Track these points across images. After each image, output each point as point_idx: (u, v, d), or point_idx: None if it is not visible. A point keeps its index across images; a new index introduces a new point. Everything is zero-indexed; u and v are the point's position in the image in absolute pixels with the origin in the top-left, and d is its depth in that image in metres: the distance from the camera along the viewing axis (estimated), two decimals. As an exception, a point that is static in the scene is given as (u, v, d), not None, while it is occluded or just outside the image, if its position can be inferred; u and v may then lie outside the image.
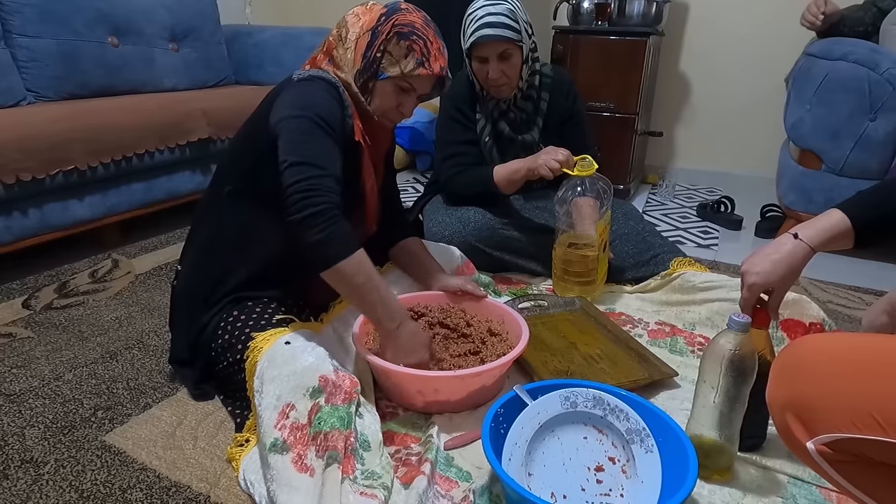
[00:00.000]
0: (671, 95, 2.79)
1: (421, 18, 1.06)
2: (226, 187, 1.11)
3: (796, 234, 0.83)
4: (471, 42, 1.44)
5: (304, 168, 0.94)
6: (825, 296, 1.61)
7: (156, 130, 1.86)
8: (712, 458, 0.88)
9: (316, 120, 0.98)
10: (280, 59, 2.57)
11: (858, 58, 1.72)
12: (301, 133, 0.97)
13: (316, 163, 0.95)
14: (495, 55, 1.44)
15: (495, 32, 1.40)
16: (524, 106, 1.58)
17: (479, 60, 1.47)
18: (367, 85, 1.06)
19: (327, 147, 0.98)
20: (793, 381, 0.60)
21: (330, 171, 0.96)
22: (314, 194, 0.92)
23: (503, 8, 1.42)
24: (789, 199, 1.95)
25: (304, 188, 0.92)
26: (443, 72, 1.06)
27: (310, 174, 0.93)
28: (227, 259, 1.11)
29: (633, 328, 1.36)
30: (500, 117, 1.58)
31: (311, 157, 0.95)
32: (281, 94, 1.04)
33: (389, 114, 1.10)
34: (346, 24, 1.07)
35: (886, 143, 1.73)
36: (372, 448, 0.88)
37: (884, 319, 0.66)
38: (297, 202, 0.92)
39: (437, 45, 1.06)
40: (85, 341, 1.31)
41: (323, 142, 0.98)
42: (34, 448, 0.97)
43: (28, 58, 1.89)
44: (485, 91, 1.54)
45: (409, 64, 1.04)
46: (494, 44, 1.42)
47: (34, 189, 1.58)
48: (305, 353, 0.94)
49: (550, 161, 1.38)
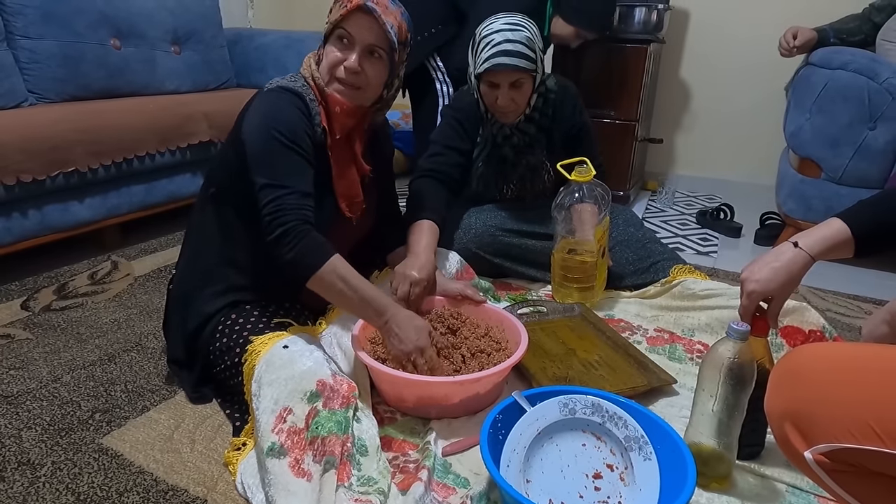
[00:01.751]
0: (671, 102, 2.79)
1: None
2: (210, 189, 1.13)
3: (796, 242, 0.83)
4: (484, 68, 1.38)
5: (271, 190, 0.98)
6: (824, 304, 1.61)
7: (157, 133, 1.86)
8: (711, 465, 0.88)
9: (279, 137, 0.99)
10: (282, 63, 2.57)
11: (858, 67, 1.72)
12: (267, 152, 1.00)
13: (282, 182, 0.98)
14: (507, 83, 1.40)
15: (511, 62, 1.35)
16: (527, 129, 1.54)
17: (489, 85, 1.43)
18: (320, 58, 1.07)
19: (292, 163, 1.01)
20: (791, 390, 0.60)
21: (295, 188, 0.99)
22: (281, 214, 0.97)
23: (521, 36, 1.36)
24: (789, 206, 1.95)
25: (273, 209, 0.97)
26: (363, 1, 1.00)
27: (276, 195, 0.97)
28: (214, 260, 1.11)
29: (631, 335, 1.36)
30: (503, 142, 1.55)
31: (276, 176, 0.99)
32: (252, 102, 1.06)
33: (335, 71, 1.04)
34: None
35: (886, 152, 1.73)
36: (369, 453, 0.88)
37: (884, 329, 0.66)
38: (269, 224, 0.97)
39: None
40: (83, 343, 1.30)
41: (287, 159, 1.00)
42: (31, 450, 0.97)
43: (30, 59, 1.89)
44: (489, 113, 1.52)
45: (336, 12, 1.03)
46: (508, 73, 1.38)
47: (34, 190, 1.58)
48: (303, 358, 0.94)
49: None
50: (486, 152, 1.56)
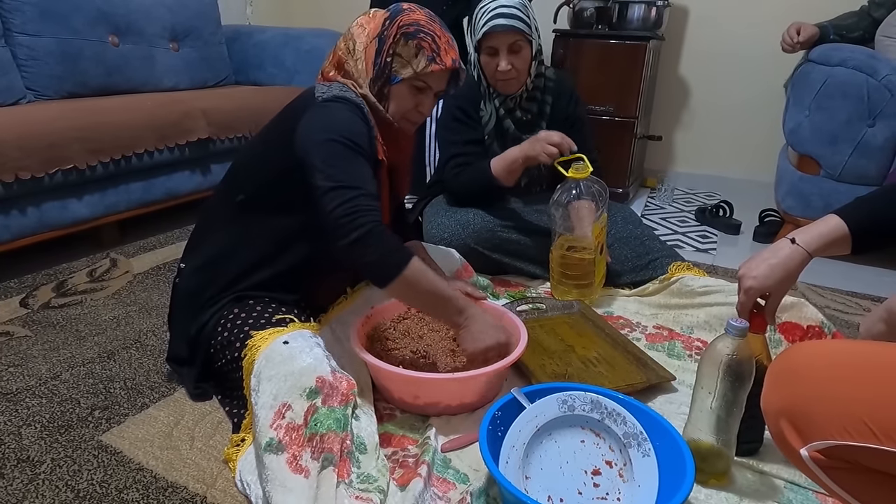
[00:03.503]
0: (670, 99, 2.79)
1: (425, 15, 1.06)
2: (238, 196, 1.11)
3: (793, 238, 0.83)
4: (483, 32, 1.45)
5: (340, 192, 0.94)
6: (822, 301, 1.61)
7: (155, 130, 1.86)
8: (709, 462, 0.88)
9: (345, 142, 0.98)
10: (280, 60, 2.57)
11: (857, 64, 1.72)
12: (333, 156, 0.97)
13: (351, 184, 0.95)
14: (506, 46, 1.46)
15: (508, 23, 1.42)
16: (529, 107, 1.59)
17: (488, 53, 1.48)
18: (383, 91, 1.06)
19: (359, 167, 0.99)
20: (787, 387, 0.60)
21: (365, 189, 0.96)
22: (357, 216, 0.93)
23: (515, 1, 1.44)
24: (788, 203, 1.96)
25: (346, 212, 0.93)
26: (455, 64, 1.06)
27: (347, 196, 0.94)
28: (240, 265, 1.10)
29: (630, 332, 1.37)
30: (506, 115, 1.58)
31: (345, 179, 0.95)
32: (307, 114, 1.03)
33: (409, 115, 1.10)
34: (352, 35, 1.07)
35: (885, 149, 1.74)
36: (368, 450, 0.88)
37: (881, 327, 0.67)
38: (341, 227, 0.93)
39: (446, 38, 1.06)
40: (82, 340, 1.30)
41: (355, 162, 0.98)
42: (30, 447, 0.97)
43: (28, 56, 1.89)
44: (491, 87, 1.55)
45: (421, 62, 1.04)
46: (506, 34, 1.44)
47: (33, 188, 1.58)
48: (303, 354, 0.94)
49: (548, 147, 1.38)
50: (491, 127, 1.59)
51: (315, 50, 2.51)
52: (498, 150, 1.59)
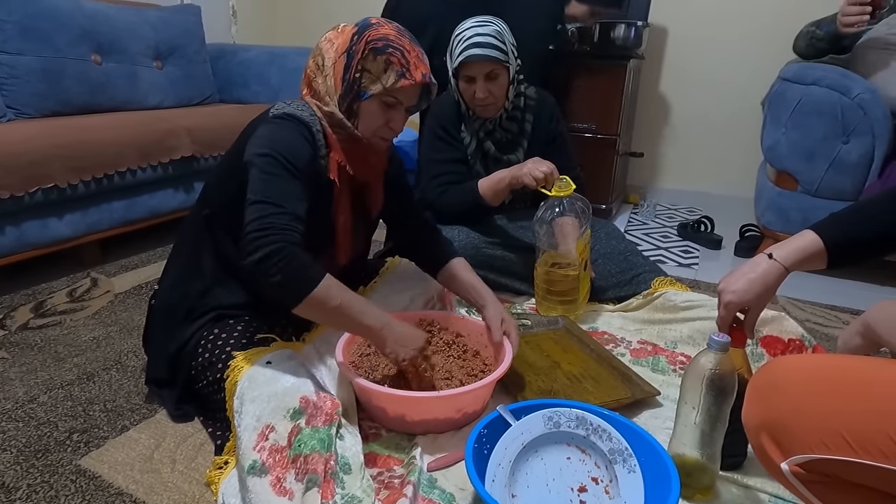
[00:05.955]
0: (651, 117, 2.84)
1: (394, 30, 1.03)
2: (204, 210, 1.11)
3: (771, 254, 0.84)
4: (459, 61, 1.46)
5: (260, 206, 0.93)
6: (802, 314, 1.63)
7: (138, 148, 1.85)
8: (694, 477, 0.88)
9: (281, 160, 0.97)
10: (265, 78, 2.58)
11: (831, 83, 1.77)
12: (265, 172, 0.96)
13: (274, 201, 0.93)
14: (482, 75, 1.47)
15: (483, 52, 1.44)
16: (509, 127, 1.60)
17: (466, 80, 1.50)
18: (352, 108, 1.04)
19: (289, 185, 0.97)
20: (767, 401, 0.60)
21: (289, 209, 0.94)
22: (269, 233, 0.90)
23: (491, 29, 1.45)
24: (767, 219, 1.99)
25: (259, 227, 0.91)
26: (426, 79, 1.03)
27: (266, 212, 0.92)
28: (205, 281, 1.10)
29: (615, 347, 1.37)
30: (486, 137, 1.60)
31: (270, 195, 0.94)
32: (256, 130, 1.03)
33: (380, 132, 1.07)
34: (320, 51, 1.05)
35: (859, 165, 1.78)
36: (353, 471, 0.87)
37: (857, 341, 0.68)
38: (250, 242, 0.90)
39: (416, 52, 1.03)
40: (61, 362, 1.28)
41: (285, 180, 0.97)
42: (6, 473, 0.94)
43: (9, 74, 1.87)
44: (471, 111, 1.57)
45: (391, 78, 1.01)
46: (482, 63, 1.45)
47: (12, 207, 1.56)
48: (287, 374, 0.94)
49: (535, 170, 1.39)
50: (472, 149, 1.60)
51: (299, 68, 2.49)
52: (480, 170, 1.60)
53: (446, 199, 1.58)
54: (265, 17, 3.44)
